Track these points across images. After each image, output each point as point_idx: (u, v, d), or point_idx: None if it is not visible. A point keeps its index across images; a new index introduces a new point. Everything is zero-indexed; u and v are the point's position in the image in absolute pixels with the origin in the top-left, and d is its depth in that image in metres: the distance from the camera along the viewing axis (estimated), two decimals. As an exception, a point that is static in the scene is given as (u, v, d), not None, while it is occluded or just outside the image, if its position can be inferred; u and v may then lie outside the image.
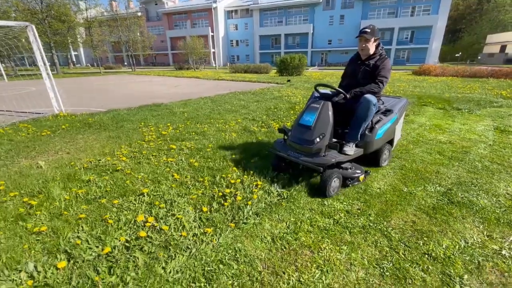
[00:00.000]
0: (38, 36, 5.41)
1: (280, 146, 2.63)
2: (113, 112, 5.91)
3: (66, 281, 1.44)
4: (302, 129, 2.42)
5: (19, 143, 3.80)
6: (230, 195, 2.28)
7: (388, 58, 2.61)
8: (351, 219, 2.03)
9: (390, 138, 2.96)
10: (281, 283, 1.45)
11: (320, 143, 2.32)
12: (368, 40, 2.54)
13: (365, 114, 2.43)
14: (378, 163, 2.91)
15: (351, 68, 2.78)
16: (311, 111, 2.43)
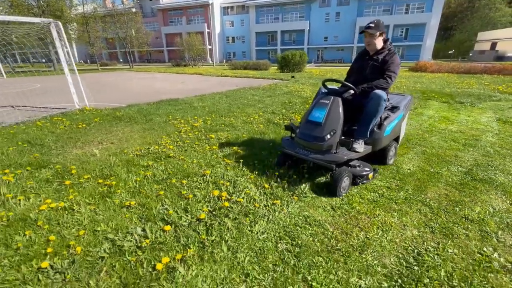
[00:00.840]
0: (63, 33, 5.54)
1: (288, 144, 2.58)
2: (136, 106, 6.11)
3: (175, 240, 1.72)
4: (312, 125, 2.35)
5: (60, 135, 4.00)
6: (284, 175, 2.57)
7: (396, 54, 2.54)
8: (393, 193, 2.35)
9: (397, 135, 2.93)
10: (352, 239, 1.76)
11: (331, 140, 2.26)
12: (373, 35, 2.48)
13: (375, 110, 2.37)
14: (385, 160, 2.83)
15: (359, 63, 2.73)
16: (321, 107, 2.36)
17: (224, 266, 1.52)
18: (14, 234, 1.76)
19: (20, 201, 2.13)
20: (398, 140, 3.09)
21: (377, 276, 1.47)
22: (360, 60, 2.72)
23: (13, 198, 2.18)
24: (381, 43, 2.56)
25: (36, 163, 2.88)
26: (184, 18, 50.52)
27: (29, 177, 2.57)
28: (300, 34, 44.44)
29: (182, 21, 50.73)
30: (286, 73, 16.62)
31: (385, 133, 2.55)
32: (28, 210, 2.01)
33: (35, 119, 4.94)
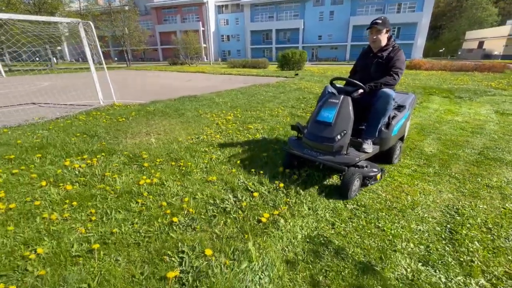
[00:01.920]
0: (94, 32, 5.82)
1: (295, 144, 2.52)
2: (161, 102, 6.43)
3: (265, 203, 2.13)
4: (321, 126, 2.28)
5: (107, 127, 4.32)
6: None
7: (401, 50, 2.51)
8: (423, 169, 2.82)
9: (403, 134, 2.92)
10: (402, 201, 2.21)
11: (341, 141, 2.19)
12: (380, 31, 2.45)
13: (384, 109, 2.34)
14: (391, 160, 2.81)
15: (363, 61, 2.70)
16: (330, 107, 2.29)
17: (312, 219, 1.94)
18: (127, 202, 2.13)
19: (115, 178, 2.50)
20: (403, 140, 3.06)
21: (430, 223, 1.92)
22: (364, 58, 2.69)
23: (107, 176, 2.54)
24: (385, 40, 2.52)
25: (106, 150, 3.23)
26: (179, 16, 50.34)
27: (107, 161, 2.92)
28: (295, 33, 44.97)
29: (176, 19, 50.53)
30: (287, 71, 17.08)
31: (393, 133, 2.52)
32: (129, 185, 2.38)
33: (74, 115, 5.22)
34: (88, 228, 1.79)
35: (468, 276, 1.46)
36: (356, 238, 1.76)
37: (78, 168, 2.69)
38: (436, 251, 1.64)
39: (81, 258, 1.53)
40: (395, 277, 1.45)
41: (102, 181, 2.46)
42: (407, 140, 3.74)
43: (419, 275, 1.46)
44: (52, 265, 1.48)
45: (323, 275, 1.45)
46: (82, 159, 2.95)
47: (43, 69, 22.70)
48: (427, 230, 1.84)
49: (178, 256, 1.55)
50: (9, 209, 2.01)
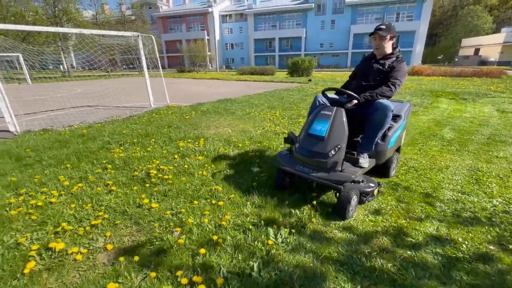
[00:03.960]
0: (155, 44, 6.82)
1: (285, 159, 2.33)
2: (205, 104, 7.39)
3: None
4: (313, 139, 2.11)
5: (181, 122, 5.25)
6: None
7: (404, 62, 2.40)
8: (447, 147, 3.76)
9: (399, 145, 2.81)
10: (438, 164, 3.14)
11: (336, 156, 2.03)
12: (384, 37, 2.31)
13: (381, 121, 2.19)
14: (388, 173, 2.70)
15: (363, 67, 2.55)
16: (323, 119, 2.12)
17: (381, 174, 2.87)
18: (248, 161, 3.05)
19: (230, 152, 3.42)
20: (399, 151, 2.97)
21: (461, 175, 2.84)
22: (365, 64, 2.54)
23: (221, 151, 3.47)
24: (390, 48, 2.40)
25: (200, 136, 4.16)
26: (184, 25, 51.93)
27: (211, 142, 3.84)
28: (297, 41, 46.46)
29: (182, 28, 52.10)
30: (296, 77, 18.17)
31: (390, 145, 2.39)
32: (244, 156, 3.30)
33: (142, 114, 6.16)
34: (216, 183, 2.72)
35: (490, 198, 2.38)
36: (416, 183, 2.68)
37: (192, 148, 3.62)
38: (468, 187, 2.57)
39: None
40: (446, 199, 2.37)
41: (217, 153, 3.39)
42: (428, 129, 4.69)
43: (460, 198, 2.38)
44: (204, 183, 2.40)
45: (402, 199, 2.38)
46: (188, 142, 3.88)
47: (63, 76, 23.82)
48: (460, 179, 2.77)
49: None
50: (170, 170, 2.93)
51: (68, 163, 3.18)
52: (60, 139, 4.12)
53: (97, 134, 4.37)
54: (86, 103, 8.43)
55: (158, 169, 2.95)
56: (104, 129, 4.73)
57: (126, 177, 2.79)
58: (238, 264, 1.57)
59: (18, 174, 2.90)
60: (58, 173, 2.91)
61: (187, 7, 52.88)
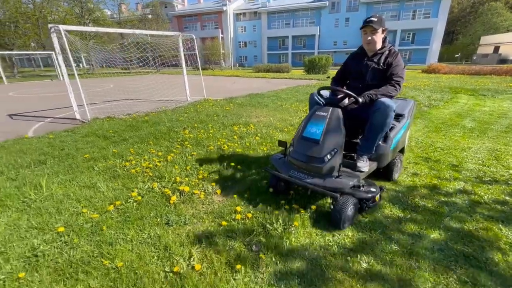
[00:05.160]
0: (196, 44, 7.53)
1: (279, 164, 2.21)
2: (237, 98, 8.06)
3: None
4: (307, 143, 1.98)
5: (224, 113, 5.93)
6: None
7: (399, 54, 2.20)
8: (469, 134, 4.26)
9: (402, 146, 2.64)
10: (462, 145, 3.66)
11: (332, 161, 1.89)
12: (375, 30, 2.11)
13: (383, 122, 2.04)
14: (390, 176, 2.54)
15: (356, 66, 2.32)
16: (317, 121, 1.98)
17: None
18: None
19: (277, 134, 4.06)
20: (403, 152, 2.78)
21: (482, 154, 3.37)
22: (357, 62, 2.32)
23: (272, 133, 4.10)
24: (381, 42, 2.21)
25: (247, 123, 4.81)
26: (199, 24, 52.90)
27: (259, 127, 4.49)
28: (311, 39, 46.60)
29: (196, 26, 53.08)
30: (313, 75, 18.62)
31: (392, 146, 2.25)
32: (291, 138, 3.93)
33: (185, 106, 6.89)
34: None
35: (507, 169, 2.92)
36: (443, 158, 3.24)
37: (246, 131, 4.28)
38: (488, 162, 3.11)
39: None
40: (469, 169, 2.93)
41: (269, 135, 4.03)
42: (450, 120, 5.18)
43: (481, 169, 2.93)
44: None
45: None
46: (240, 126, 4.54)
47: (87, 73, 25.12)
48: (481, 156, 3.31)
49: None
50: (237, 146, 3.60)
51: (149, 140, 3.90)
52: (130, 124, 4.87)
53: (158, 121, 5.10)
54: (124, 97, 9.25)
55: (227, 145, 3.62)
56: (161, 117, 5.46)
57: (204, 150, 3.48)
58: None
59: (114, 148, 3.64)
60: (146, 148, 3.63)
61: (202, 6, 53.83)
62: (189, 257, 1.64)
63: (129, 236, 1.85)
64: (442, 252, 1.68)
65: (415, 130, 4.46)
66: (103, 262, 1.61)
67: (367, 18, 2.16)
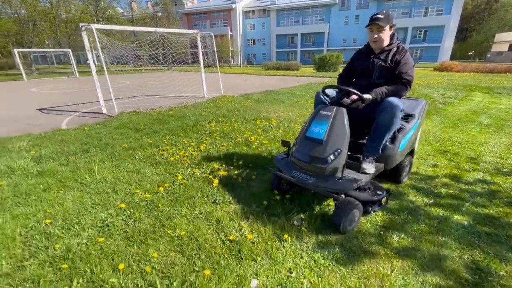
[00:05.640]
0: (214, 41, 7.77)
1: (282, 164, 2.18)
2: (254, 95, 8.29)
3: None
4: (311, 143, 1.95)
5: (244, 108, 6.16)
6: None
7: (407, 51, 2.11)
8: (485, 130, 4.38)
9: (412, 148, 2.55)
10: (479, 140, 3.80)
11: (335, 162, 1.85)
12: (382, 28, 2.03)
13: (389, 122, 1.98)
14: (399, 179, 2.46)
15: (362, 64, 2.24)
16: (321, 120, 1.94)
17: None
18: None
19: (296, 127, 4.26)
20: (413, 154, 2.67)
21: (500, 147, 3.51)
22: (363, 60, 2.24)
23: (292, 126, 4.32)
24: (388, 39, 2.12)
25: (269, 118, 5.03)
26: (208, 21, 53.18)
27: (280, 121, 4.70)
28: (320, 37, 46.33)
29: (206, 24, 53.38)
30: (324, 72, 18.67)
31: (400, 148, 2.17)
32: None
33: (205, 101, 7.15)
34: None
35: (525, 161, 3.07)
36: (461, 151, 3.39)
37: (269, 125, 4.50)
38: (505, 155, 3.25)
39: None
40: (487, 161, 3.08)
41: (291, 128, 4.24)
42: (466, 117, 5.28)
43: (499, 161, 3.08)
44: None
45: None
46: (262, 120, 4.76)
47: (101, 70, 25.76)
48: (498, 150, 3.45)
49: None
50: (263, 138, 3.82)
51: (179, 132, 4.16)
52: (157, 118, 5.15)
53: (183, 115, 5.37)
54: (142, 93, 9.57)
55: (253, 137, 3.85)
56: (184, 112, 5.73)
57: (232, 142, 3.72)
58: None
59: (148, 139, 3.91)
60: (177, 139, 3.89)
61: (211, 3, 54.08)
62: (240, 229, 1.88)
63: (182, 212, 2.10)
64: (466, 230, 1.88)
65: (432, 126, 4.60)
66: (167, 232, 1.87)
67: (373, 15, 2.08)
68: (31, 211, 2.14)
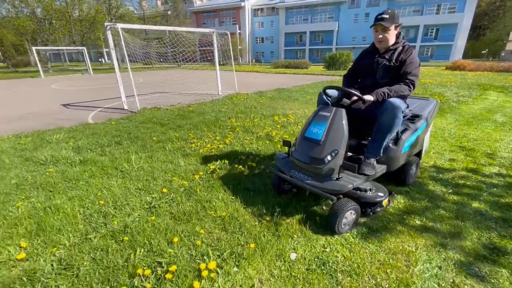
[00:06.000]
0: (229, 40, 7.98)
1: (282, 163, 2.20)
2: (267, 92, 8.47)
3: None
4: (309, 143, 1.96)
5: (260, 105, 6.35)
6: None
7: (414, 50, 2.09)
8: (500, 127, 4.46)
9: (419, 149, 2.49)
10: (495, 137, 3.90)
11: (332, 163, 1.85)
12: (387, 28, 2.01)
13: (390, 123, 1.96)
14: (404, 180, 2.42)
15: (367, 63, 2.24)
16: (320, 121, 1.95)
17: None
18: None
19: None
20: (420, 155, 2.61)
21: None
22: (368, 59, 2.23)
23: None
24: (394, 38, 2.10)
25: (285, 114, 5.21)
26: (217, 20, 53.46)
27: (298, 118, 4.87)
28: (329, 35, 46.05)
29: (214, 22, 53.69)
30: (334, 71, 18.68)
31: (403, 150, 2.14)
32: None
33: (222, 98, 7.37)
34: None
35: (540, 157, 3.17)
36: (477, 147, 3.50)
37: (287, 121, 4.68)
38: (521, 151, 3.36)
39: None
40: (503, 157, 3.19)
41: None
42: (481, 115, 5.34)
43: (515, 157, 3.20)
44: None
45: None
46: (280, 117, 4.95)
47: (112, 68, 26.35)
48: (514, 146, 3.56)
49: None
50: (284, 133, 4.00)
51: (203, 127, 4.39)
52: (178, 114, 5.40)
53: (203, 111, 5.60)
54: (158, 90, 9.86)
55: (273, 132, 4.04)
56: (203, 108, 5.96)
57: (254, 136, 3.92)
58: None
59: (174, 133, 4.14)
60: (202, 133, 4.11)
61: (220, 1, 54.24)
62: (273, 212, 2.08)
63: (219, 197, 2.32)
64: (484, 216, 2.03)
65: (447, 123, 4.70)
66: (209, 213, 2.08)
67: (378, 14, 2.05)
68: (83, 194, 2.39)
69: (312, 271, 1.55)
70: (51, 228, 1.92)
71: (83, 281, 1.49)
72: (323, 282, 1.47)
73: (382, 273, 1.52)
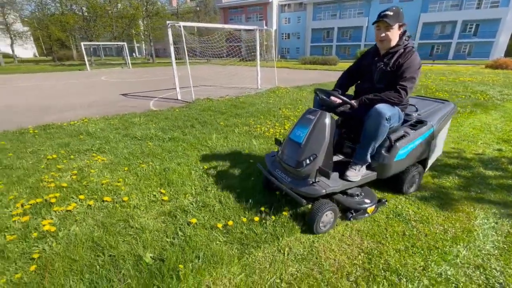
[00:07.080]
0: (271, 36, 8.44)
1: (269, 162, 2.25)
2: (305, 87, 8.87)
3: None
4: (292, 145, 1.98)
5: (303, 97, 6.79)
6: (479, 115, 4.92)
7: (416, 52, 1.98)
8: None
9: (421, 158, 2.35)
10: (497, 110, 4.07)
11: (309, 167, 1.86)
12: (390, 26, 1.90)
13: (374, 129, 1.90)
14: (400, 189, 2.32)
15: (366, 65, 2.14)
16: (304, 124, 1.95)
17: (493, 134, 3.96)
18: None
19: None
20: (425, 165, 2.46)
21: None
22: (368, 61, 2.14)
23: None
24: (396, 38, 1.98)
25: (331, 107, 5.62)
26: (244, 15, 54.05)
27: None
28: (358, 31, 44.93)
29: (241, 18, 54.34)
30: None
31: (397, 157, 2.06)
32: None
33: (265, 91, 7.92)
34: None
35: None
36: (489, 148, 3.73)
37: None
38: None
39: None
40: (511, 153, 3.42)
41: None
42: (509, 113, 5.40)
43: None
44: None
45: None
46: (325, 109, 5.37)
47: (147, 62, 27.82)
48: (562, 141, 3.73)
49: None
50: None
51: (259, 115, 4.94)
52: (232, 104, 6.00)
53: (252, 102, 6.16)
54: (199, 83, 10.58)
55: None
56: (251, 100, 6.52)
57: (309, 124, 4.39)
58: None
59: (236, 119, 4.72)
60: (260, 120, 4.66)
61: (248, -3, 54.77)
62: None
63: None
64: None
65: (492, 119, 4.86)
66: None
67: (381, 11, 1.94)
68: (187, 161, 3.02)
69: (391, 219, 2.02)
70: (176, 183, 2.54)
71: (218, 214, 2.07)
72: (401, 225, 1.94)
73: (448, 223, 1.96)
